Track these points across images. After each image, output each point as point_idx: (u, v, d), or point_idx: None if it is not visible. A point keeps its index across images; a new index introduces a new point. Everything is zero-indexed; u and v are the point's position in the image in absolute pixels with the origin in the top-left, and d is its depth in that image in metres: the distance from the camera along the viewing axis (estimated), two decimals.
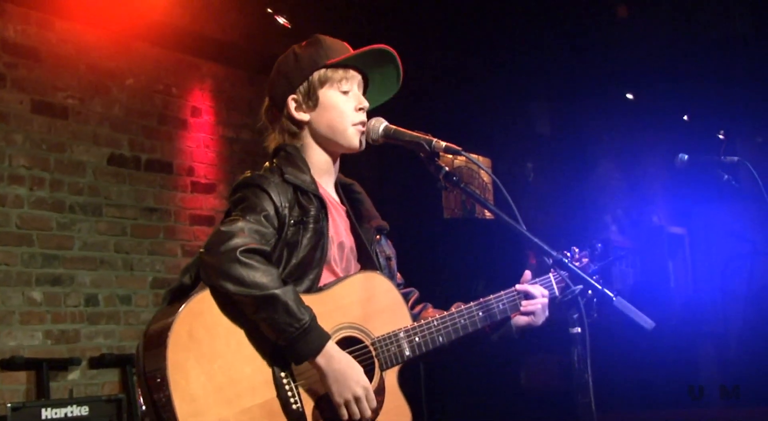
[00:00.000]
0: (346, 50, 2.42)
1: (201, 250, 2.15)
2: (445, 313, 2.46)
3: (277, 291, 2.06)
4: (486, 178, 8.50)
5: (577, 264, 2.67)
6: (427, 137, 2.24)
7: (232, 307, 2.11)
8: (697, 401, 7.41)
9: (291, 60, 2.42)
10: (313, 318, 2.11)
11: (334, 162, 2.45)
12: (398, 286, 2.50)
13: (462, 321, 2.45)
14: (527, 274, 2.64)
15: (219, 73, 6.29)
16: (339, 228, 2.41)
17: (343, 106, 2.37)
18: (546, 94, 8.64)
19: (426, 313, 2.57)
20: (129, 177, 5.58)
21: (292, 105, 2.39)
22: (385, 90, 2.51)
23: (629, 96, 8.76)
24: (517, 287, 2.60)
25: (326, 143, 2.41)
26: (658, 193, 10.59)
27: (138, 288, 5.55)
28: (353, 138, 2.38)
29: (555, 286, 2.63)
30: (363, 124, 2.38)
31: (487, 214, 8.00)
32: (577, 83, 8.11)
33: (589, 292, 2.09)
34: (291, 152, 2.37)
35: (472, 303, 2.51)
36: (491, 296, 2.55)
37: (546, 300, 2.56)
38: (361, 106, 2.39)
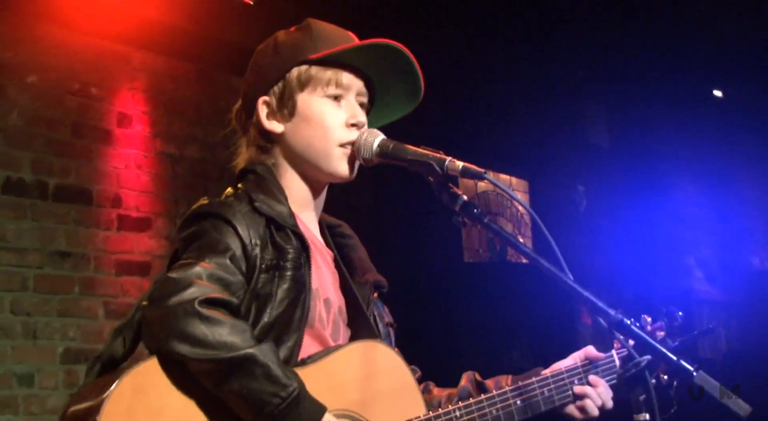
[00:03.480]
0: (346, 41, 2.43)
1: (144, 303, 2.15)
2: (471, 400, 2.46)
3: (252, 350, 2.07)
4: (522, 207, 8.54)
5: None
6: (439, 155, 2.26)
7: (187, 379, 2.11)
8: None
9: (269, 49, 2.45)
10: (302, 385, 2.12)
11: (317, 193, 2.47)
12: None
13: (494, 412, 2.46)
14: (588, 351, 2.65)
15: (156, 67, 6.32)
16: (325, 279, 2.43)
17: (329, 119, 2.39)
18: (603, 93, 8.67)
19: (430, 396, 2.58)
20: (31, 210, 5.59)
21: (262, 110, 2.42)
22: (397, 103, 2.52)
23: (717, 94, 8.80)
24: (567, 366, 2.62)
25: (304, 166, 2.43)
26: (758, 225, 10.60)
27: (43, 363, 5.53)
28: (338, 163, 2.39)
29: (618, 364, 2.65)
30: (354, 145, 2.38)
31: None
32: (643, 79, 8.15)
33: (663, 377, 2.09)
34: (263, 175, 2.39)
35: (507, 386, 2.52)
36: (533, 379, 2.56)
37: (608, 391, 2.59)
38: (354, 120, 2.40)
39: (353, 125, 2.39)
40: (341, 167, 2.39)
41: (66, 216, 5.73)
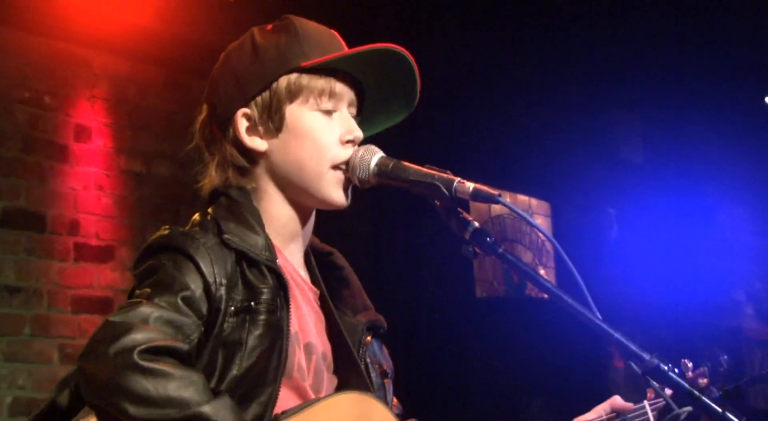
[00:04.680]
0: (336, 45, 2.45)
1: (81, 352, 2.13)
2: None
3: (204, 409, 2.05)
4: (542, 234, 8.54)
5: None
6: (446, 176, 2.28)
7: None
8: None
9: (247, 51, 2.44)
10: None
11: (304, 220, 2.47)
12: (397, 417, 2.50)
13: None
14: (615, 402, 2.66)
15: (119, 72, 6.33)
16: (306, 321, 2.42)
17: (322, 135, 2.39)
18: (636, 102, 8.68)
19: None
20: None
21: (242, 124, 2.41)
22: (390, 112, 2.54)
23: None
24: (590, 420, 2.63)
25: (290, 190, 2.42)
26: None
27: None
28: (332, 188, 2.39)
29: (651, 417, 2.65)
30: (348, 164, 2.39)
31: None
32: (683, 86, 8.15)
33: None
34: (236, 199, 2.39)
35: None
36: None
37: None
38: (351, 136, 2.40)
39: (349, 142, 2.40)
40: (335, 194, 2.40)
41: (15, 245, 5.73)
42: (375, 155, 2.37)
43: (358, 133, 2.41)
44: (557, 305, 2.17)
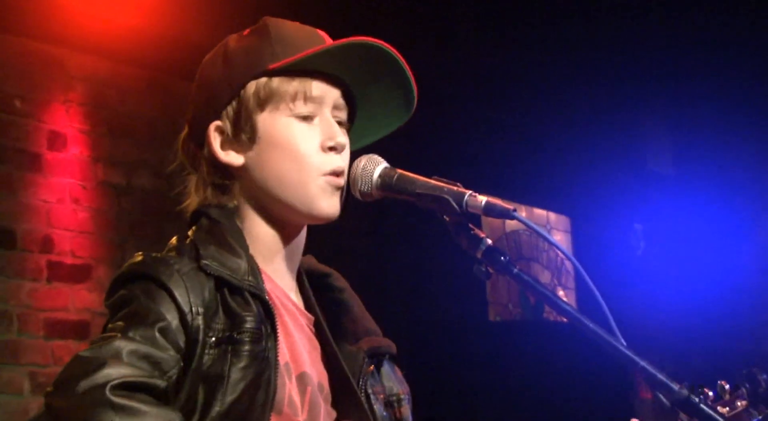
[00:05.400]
0: (315, 43, 2.42)
1: (48, 389, 2.13)
2: None
3: None
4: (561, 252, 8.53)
5: (725, 410, 2.67)
6: (456, 188, 2.27)
7: None
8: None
9: (218, 60, 2.43)
10: None
11: (290, 238, 2.46)
12: None
13: None
14: None
15: (97, 74, 6.33)
16: (299, 351, 2.41)
17: (300, 144, 2.37)
18: (665, 108, 8.68)
19: None
20: None
21: (215, 139, 2.40)
22: (387, 117, 2.53)
23: None
24: None
25: (273, 206, 2.41)
26: None
27: None
28: (319, 199, 2.37)
29: None
30: (337, 173, 2.38)
31: None
32: (715, 91, 8.16)
33: None
34: (217, 220, 2.38)
35: None
36: None
37: None
38: (332, 143, 2.38)
39: (331, 149, 2.38)
40: (322, 204, 2.37)
41: None
42: (378, 166, 2.36)
43: (341, 139, 2.38)
44: (577, 330, 2.17)
